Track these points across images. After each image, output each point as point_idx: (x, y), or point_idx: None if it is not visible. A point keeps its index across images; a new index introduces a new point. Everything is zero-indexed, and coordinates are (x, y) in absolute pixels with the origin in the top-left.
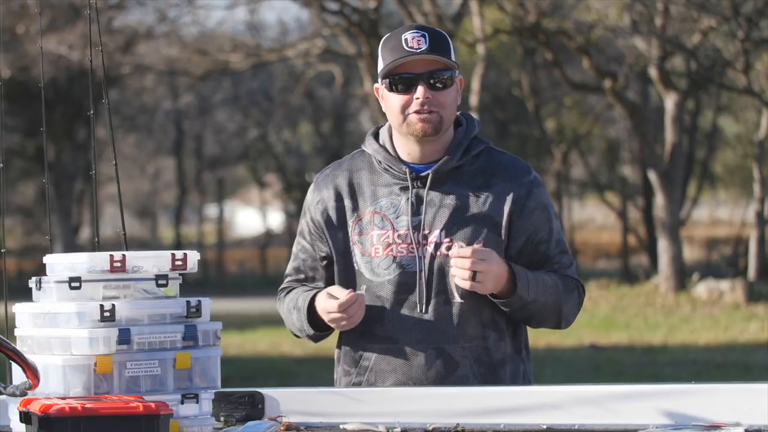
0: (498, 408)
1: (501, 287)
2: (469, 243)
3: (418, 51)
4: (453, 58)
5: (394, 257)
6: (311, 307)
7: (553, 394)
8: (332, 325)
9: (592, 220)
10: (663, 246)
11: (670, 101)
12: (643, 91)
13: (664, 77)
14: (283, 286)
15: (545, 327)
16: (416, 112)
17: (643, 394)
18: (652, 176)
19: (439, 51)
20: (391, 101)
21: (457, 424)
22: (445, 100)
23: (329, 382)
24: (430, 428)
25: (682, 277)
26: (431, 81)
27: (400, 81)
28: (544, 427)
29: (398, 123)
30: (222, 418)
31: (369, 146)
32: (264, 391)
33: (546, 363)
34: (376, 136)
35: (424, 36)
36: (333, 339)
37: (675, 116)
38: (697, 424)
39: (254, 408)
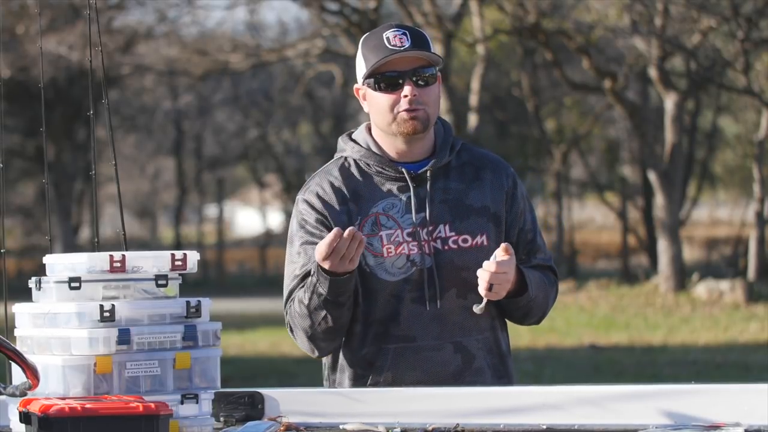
0: (498, 408)
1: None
2: (473, 235)
3: (402, 49)
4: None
5: (408, 255)
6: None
7: (553, 394)
8: (330, 263)
9: (591, 220)
10: (663, 246)
11: (669, 101)
12: (643, 91)
13: (664, 77)
14: (288, 298)
15: (527, 323)
16: (405, 110)
17: (643, 394)
18: (652, 176)
19: (422, 48)
20: (377, 101)
21: (457, 424)
22: (429, 98)
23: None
24: (430, 428)
25: (682, 277)
26: (416, 78)
27: (386, 79)
28: (544, 427)
29: (387, 122)
30: (222, 418)
31: (353, 151)
32: (264, 391)
33: (546, 363)
34: (352, 140)
35: (405, 34)
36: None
37: (675, 116)
38: (697, 424)
39: (254, 408)
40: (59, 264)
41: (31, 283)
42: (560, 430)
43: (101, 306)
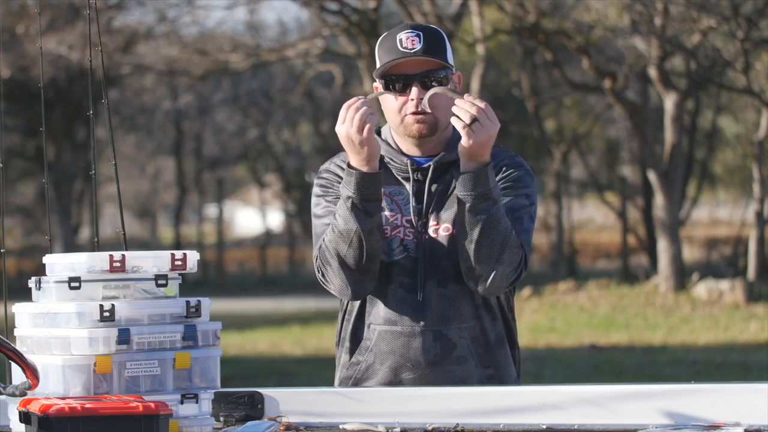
0: (498, 408)
1: (481, 160)
2: (454, 224)
3: (412, 51)
4: (449, 56)
5: (401, 240)
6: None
7: (553, 394)
8: (350, 135)
9: (591, 220)
10: (663, 246)
11: (669, 101)
12: (643, 91)
13: (664, 77)
14: (318, 245)
15: (478, 269)
16: (412, 113)
17: (643, 394)
18: (652, 176)
19: (434, 51)
20: (388, 102)
21: (457, 424)
22: (439, 101)
23: (329, 382)
24: (430, 428)
25: (682, 277)
26: (425, 81)
27: (395, 81)
28: (544, 427)
29: (396, 124)
30: (222, 418)
31: None
32: (264, 391)
33: (546, 363)
34: (378, 133)
35: (418, 36)
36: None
37: (675, 116)
38: (697, 424)
39: (254, 408)
40: (59, 264)
41: (31, 283)
42: (560, 430)
43: (101, 306)
